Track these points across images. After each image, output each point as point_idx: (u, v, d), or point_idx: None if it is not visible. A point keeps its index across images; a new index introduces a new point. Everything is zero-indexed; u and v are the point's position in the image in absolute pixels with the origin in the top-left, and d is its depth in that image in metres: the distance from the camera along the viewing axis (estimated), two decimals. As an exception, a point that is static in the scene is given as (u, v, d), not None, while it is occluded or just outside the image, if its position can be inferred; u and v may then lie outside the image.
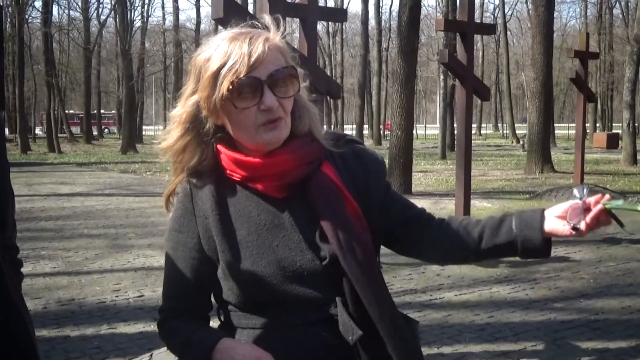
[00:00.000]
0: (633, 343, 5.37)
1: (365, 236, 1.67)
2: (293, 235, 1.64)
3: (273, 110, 1.58)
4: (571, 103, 73.43)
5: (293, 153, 1.64)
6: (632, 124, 25.66)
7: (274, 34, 1.64)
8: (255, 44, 1.57)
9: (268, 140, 1.61)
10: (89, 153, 35.11)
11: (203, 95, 1.62)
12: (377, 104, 53.04)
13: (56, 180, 19.57)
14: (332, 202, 1.65)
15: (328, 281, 1.63)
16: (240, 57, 1.55)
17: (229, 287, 1.66)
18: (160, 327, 1.78)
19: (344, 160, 1.74)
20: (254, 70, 1.56)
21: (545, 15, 21.98)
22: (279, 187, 1.65)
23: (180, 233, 1.70)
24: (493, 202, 14.09)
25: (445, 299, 6.70)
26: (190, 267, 1.70)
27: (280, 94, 1.59)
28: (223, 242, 1.64)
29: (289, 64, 1.63)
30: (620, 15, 57.95)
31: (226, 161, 1.67)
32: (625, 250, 8.99)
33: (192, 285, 1.71)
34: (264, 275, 1.61)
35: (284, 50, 1.64)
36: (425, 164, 26.19)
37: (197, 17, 53.06)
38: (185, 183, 1.71)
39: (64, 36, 52.87)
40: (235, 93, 1.56)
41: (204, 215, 1.67)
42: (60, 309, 6.34)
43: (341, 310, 1.62)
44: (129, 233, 10.41)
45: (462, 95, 9.62)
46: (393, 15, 57.04)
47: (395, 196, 1.84)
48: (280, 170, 1.64)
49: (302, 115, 1.70)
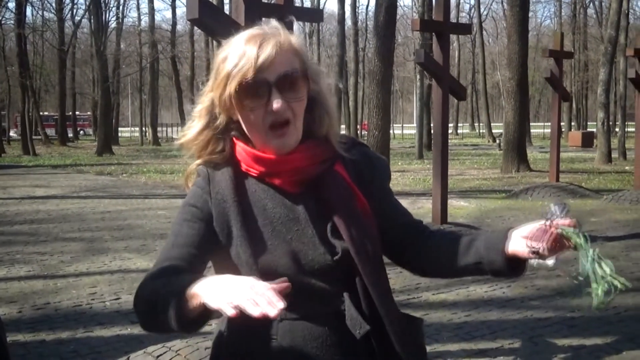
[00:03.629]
0: (609, 340, 5.42)
1: (375, 233, 1.72)
2: (307, 230, 1.68)
3: (280, 112, 1.61)
4: (546, 102, 73.97)
5: (307, 152, 1.69)
6: (607, 123, 25.92)
7: (287, 35, 1.67)
8: (265, 46, 1.61)
9: (276, 146, 1.65)
10: (64, 155, 34.81)
11: (217, 93, 1.67)
12: (354, 104, 53.06)
13: (31, 183, 19.38)
14: (344, 199, 1.69)
15: (338, 276, 1.68)
16: (249, 58, 1.60)
17: (242, 274, 1.63)
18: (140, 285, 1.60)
19: (354, 160, 1.79)
20: (262, 72, 1.60)
21: (520, 15, 22.15)
22: (294, 183, 1.70)
23: (194, 207, 1.71)
24: (470, 201, 14.16)
25: (423, 298, 6.72)
26: (197, 236, 1.67)
27: (289, 96, 1.62)
28: (241, 229, 1.65)
29: (301, 67, 1.66)
30: (594, 15, 58.52)
31: (243, 156, 1.70)
32: (601, 248, 8.97)
33: (193, 253, 1.67)
34: (278, 265, 1.63)
35: (300, 52, 1.68)
36: (402, 164, 26.27)
37: (172, 17, 52.84)
38: (203, 166, 1.74)
39: (38, 37, 52.34)
40: (242, 93, 1.61)
41: (222, 199, 1.68)
42: (36, 313, 6.28)
43: (349, 305, 1.67)
44: (105, 236, 10.33)
45: (438, 94, 9.66)
46: (369, 16, 57.14)
47: (394, 200, 1.88)
48: (295, 167, 1.68)
49: (322, 119, 1.74)
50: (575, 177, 18.90)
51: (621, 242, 9.46)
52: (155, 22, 54.53)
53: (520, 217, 11.98)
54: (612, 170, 22.44)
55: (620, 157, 27.23)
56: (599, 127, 26.12)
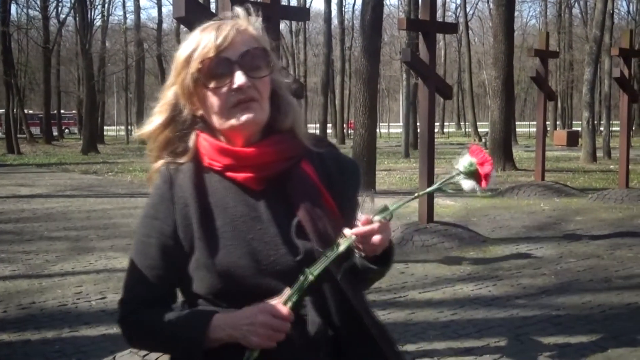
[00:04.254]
0: (594, 338, 5.45)
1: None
2: (269, 229, 1.63)
3: (244, 89, 1.59)
4: (532, 101, 74.21)
5: (273, 146, 1.65)
6: (592, 122, 26.06)
7: (245, 21, 1.66)
8: (224, 27, 1.61)
9: (242, 122, 1.61)
10: (49, 154, 34.62)
11: (178, 80, 1.65)
12: (340, 103, 53.10)
13: (16, 182, 19.26)
14: (310, 198, 1.64)
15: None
16: (208, 41, 1.60)
17: (201, 278, 1.62)
18: (125, 320, 1.71)
19: (322, 160, 1.74)
20: (223, 51, 1.59)
21: (506, 14, 22.24)
22: (258, 180, 1.65)
23: (156, 219, 1.67)
24: (456, 200, 14.21)
25: (410, 297, 6.74)
26: (163, 254, 1.66)
27: (252, 74, 1.61)
28: (200, 230, 1.62)
29: (261, 46, 1.64)
30: (579, 14, 58.81)
31: (207, 149, 1.66)
32: (586, 247, 9.12)
33: (163, 274, 1.67)
34: (237, 267, 1.59)
35: (258, 36, 1.66)
36: (388, 163, 26.30)
37: (158, 15, 52.73)
38: (165, 169, 1.70)
39: (22, 35, 51.96)
40: (205, 73, 1.60)
41: (184, 202, 1.65)
42: (21, 313, 6.25)
43: (311, 310, 1.61)
44: (91, 235, 10.28)
45: (424, 93, 9.68)
46: (356, 14, 57.22)
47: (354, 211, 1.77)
48: (260, 162, 1.64)
49: (287, 112, 1.71)
50: (560, 176, 18.99)
51: (606, 241, 9.52)
52: (141, 20, 54.28)
53: (505, 216, 12.03)
54: (597, 169, 22.57)
55: (605, 156, 27.38)
56: (584, 126, 26.25)
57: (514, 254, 8.72)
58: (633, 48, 14.84)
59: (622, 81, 13.87)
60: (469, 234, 9.57)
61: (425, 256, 8.58)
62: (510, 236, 10.01)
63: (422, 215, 9.69)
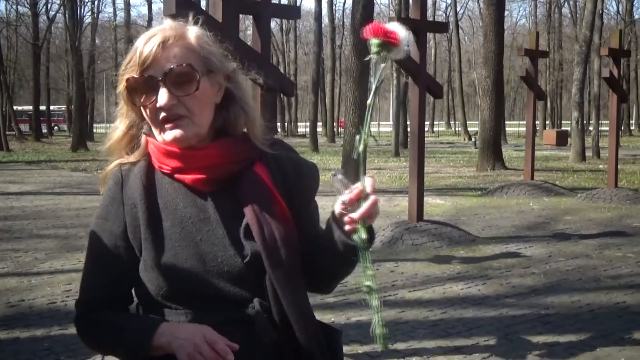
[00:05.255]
0: (582, 337, 5.47)
1: (292, 238, 1.65)
2: (217, 231, 1.63)
3: (166, 108, 1.59)
4: (521, 101, 74.49)
5: (221, 149, 1.64)
6: (581, 122, 26.15)
7: (186, 31, 1.65)
8: (150, 42, 1.59)
9: (170, 139, 1.61)
10: (38, 151, 34.46)
11: (119, 89, 1.65)
12: (330, 101, 53.13)
13: (4, 179, 19.16)
14: (260, 201, 1.63)
15: (249, 280, 1.62)
16: (136, 56, 1.59)
17: (149, 279, 1.63)
18: (80, 320, 1.74)
19: (278, 162, 1.73)
20: (148, 69, 1.58)
21: (496, 14, 22.28)
22: (206, 181, 1.64)
23: (107, 221, 1.69)
24: (446, 199, 14.24)
25: (399, 295, 6.75)
26: (115, 255, 1.67)
27: (178, 92, 1.59)
28: (147, 232, 1.62)
29: (197, 62, 1.61)
30: (569, 14, 59.04)
31: (155, 152, 1.66)
32: (575, 246, 9.15)
33: (116, 275, 1.68)
34: (184, 268, 1.59)
35: (196, 47, 1.64)
36: (378, 162, 26.31)
37: (148, 13, 52.51)
38: (117, 171, 1.71)
39: (12, 32, 51.77)
40: (131, 91, 1.61)
41: (133, 203, 1.65)
42: (10, 311, 6.22)
43: (259, 311, 1.61)
44: (80, 232, 10.24)
45: (415, 93, 9.70)
46: (346, 13, 57.26)
47: (314, 213, 1.80)
48: (207, 164, 1.63)
49: (238, 116, 1.69)
50: (549, 176, 19.06)
51: (595, 240, 9.56)
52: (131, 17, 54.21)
53: (495, 215, 12.06)
54: (586, 168, 22.66)
55: (594, 156, 27.47)
56: (574, 125, 26.35)
57: (503, 253, 8.75)
58: (622, 48, 14.90)
59: (612, 81, 13.92)
60: (459, 233, 9.59)
61: (415, 255, 8.60)
62: (500, 235, 10.04)
63: (412, 214, 9.70)
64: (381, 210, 1.66)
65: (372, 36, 1.53)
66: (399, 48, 1.55)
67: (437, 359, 5.02)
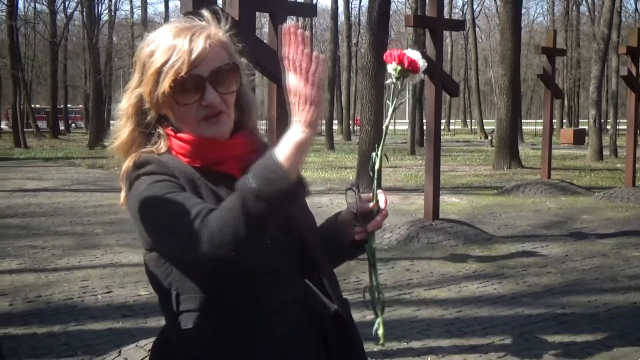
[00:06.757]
0: (599, 337, 5.44)
1: (314, 221, 1.81)
2: None
3: (214, 105, 1.62)
4: (538, 99, 74.06)
5: (246, 139, 1.71)
6: (598, 120, 26.00)
7: (216, 29, 1.67)
8: (197, 40, 1.60)
9: (211, 135, 1.64)
10: (55, 148, 34.65)
11: (146, 89, 1.64)
12: (346, 100, 53.07)
13: (22, 176, 19.29)
14: None
15: (294, 260, 1.69)
16: (182, 54, 1.59)
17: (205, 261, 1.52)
18: (203, 221, 1.46)
19: None
20: (195, 67, 1.59)
21: (513, 11, 22.17)
22: (239, 170, 1.63)
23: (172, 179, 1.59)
24: (462, 198, 14.19)
25: (415, 294, 6.74)
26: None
27: (222, 89, 1.63)
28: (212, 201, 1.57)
29: (231, 60, 1.66)
30: (586, 12, 58.59)
31: (185, 148, 1.65)
32: (592, 246, 9.10)
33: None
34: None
35: (227, 45, 1.68)
36: (394, 160, 26.27)
37: (165, 10, 52.56)
38: (148, 155, 1.65)
39: (29, 29, 52.04)
40: (177, 90, 1.60)
41: (190, 178, 1.60)
42: (27, 306, 6.27)
43: (313, 288, 1.70)
44: (97, 229, 10.31)
45: (431, 91, 9.68)
46: (362, 11, 57.19)
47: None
48: (239, 153, 1.68)
49: (251, 110, 1.76)
50: (566, 174, 18.96)
51: (612, 240, 9.50)
52: (148, 15, 54.41)
53: (511, 214, 12.02)
54: (604, 167, 22.52)
55: (611, 155, 27.31)
56: (591, 124, 26.20)
57: (519, 252, 8.72)
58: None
59: (630, 79, 13.83)
60: (475, 232, 9.56)
61: (430, 253, 8.58)
62: (516, 234, 10.00)
63: (428, 213, 9.68)
64: (397, 208, 1.70)
65: (396, 63, 1.66)
66: (417, 75, 1.69)
67: (453, 357, 5.02)
